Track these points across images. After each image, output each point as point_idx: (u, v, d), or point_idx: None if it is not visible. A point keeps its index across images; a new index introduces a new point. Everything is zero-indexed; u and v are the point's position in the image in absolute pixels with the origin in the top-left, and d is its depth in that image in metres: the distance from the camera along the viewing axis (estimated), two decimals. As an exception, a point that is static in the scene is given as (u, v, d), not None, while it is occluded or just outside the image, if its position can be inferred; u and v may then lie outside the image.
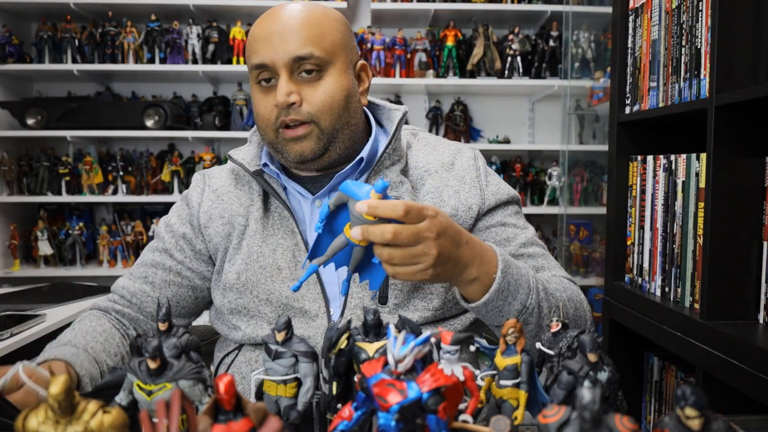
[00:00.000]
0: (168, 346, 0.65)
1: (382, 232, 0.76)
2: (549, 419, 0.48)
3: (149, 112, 2.99)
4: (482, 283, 0.88)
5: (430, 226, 0.79)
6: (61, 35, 3.00)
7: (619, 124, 1.64)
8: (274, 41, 0.97)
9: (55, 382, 0.47)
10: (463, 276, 0.86)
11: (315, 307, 1.00)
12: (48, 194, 3.06)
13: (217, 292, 1.08)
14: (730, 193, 1.23)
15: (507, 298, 0.90)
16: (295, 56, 0.96)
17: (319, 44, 0.98)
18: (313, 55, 0.97)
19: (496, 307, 0.89)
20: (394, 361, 0.51)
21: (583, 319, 1.07)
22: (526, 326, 0.93)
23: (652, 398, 1.60)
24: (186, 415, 0.48)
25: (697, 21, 1.32)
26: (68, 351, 0.90)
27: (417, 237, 0.78)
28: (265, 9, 1.04)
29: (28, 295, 1.90)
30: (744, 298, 1.24)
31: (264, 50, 0.98)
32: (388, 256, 0.78)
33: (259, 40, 0.99)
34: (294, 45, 0.97)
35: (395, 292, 1.00)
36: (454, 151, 1.11)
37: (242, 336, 1.04)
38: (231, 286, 1.04)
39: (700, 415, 0.45)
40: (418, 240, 0.78)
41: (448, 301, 1.02)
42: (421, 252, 0.79)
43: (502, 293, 0.89)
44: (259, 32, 1.00)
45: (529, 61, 3.09)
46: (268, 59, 0.97)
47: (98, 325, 1.01)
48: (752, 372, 1.08)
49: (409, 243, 0.77)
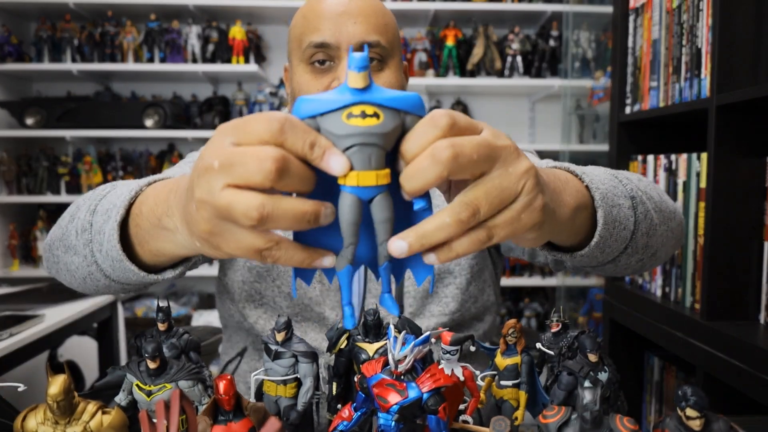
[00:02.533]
0: (167, 347, 0.65)
1: (435, 152, 0.44)
2: (549, 419, 0.48)
3: (149, 112, 2.99)
4: (585, 205, 0.64)
5: (498, 133, 0.50)
6: (60, 35, 3.00)
7: (619, 123, 1.64)
8: (343, 21, 0.92)
9: (54, 382, 0.47)
10: (563, 205, 0.58)
11: (333, 315, 0.98)
12: (47, 194, 3.06)
13: (234, 268, 1.01)
14: (730, 193, 1.23)
15: (613, 199, 0.68)
16: (363, 41, 0.92)
17: (384, 34, 0.94)
18: (380, 43, 0.93)
19: (612, 218, 0.66)
20: (394, 362, 0.51)
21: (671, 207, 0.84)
22: (645, 219, 0.72)
23: (652, 399, 1.60)
24: (185, 416, 0.48)
25: (698, 21, 1.32)
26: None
27: (492, 151, 0.47)
28: (264, 9, 1.03)
29: (27, 296, 1.90)
30: (745, 298, 1.24)
31: (328, 29, 0.92)
32: (473, 199, 0.46)
33: (322, 18, 0.93)
34: (363, 29, 0.92)
35: (409, 300, 0.97)
36: None
37: (248, 327, 1.00)
38: (252, 267, 0.98)
39: (701, 416, 0.45)
40: (495, 156, 0.47)
41: (465, 301, 0.99)
42: (515, 175, 0.48)
43: (606, 198, 0.66)
44: (323, 9, 0.94)
45: (530, 60, 3.09)
46: (332, 39, 0.92)
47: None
48: (753, 372, 1.08)
49: (485, 167, 0.47)
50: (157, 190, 0.63)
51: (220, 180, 0.44)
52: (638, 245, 0.73)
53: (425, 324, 0.97)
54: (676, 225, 0.84)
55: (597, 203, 0.64)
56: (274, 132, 0.44)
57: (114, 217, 0.65)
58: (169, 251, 0.62)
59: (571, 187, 0.61)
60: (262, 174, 0.43)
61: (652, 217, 0.75)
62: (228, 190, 0.44)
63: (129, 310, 3.08)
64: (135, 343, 0.66)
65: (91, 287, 0.78)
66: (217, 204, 0.44)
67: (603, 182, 0.68)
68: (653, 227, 0.75)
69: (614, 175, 0.74)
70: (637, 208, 0.71)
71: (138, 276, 0.67)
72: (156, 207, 0.60)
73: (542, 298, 3.28)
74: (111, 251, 0.66)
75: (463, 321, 1.02)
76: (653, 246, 0.77)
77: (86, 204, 0.75)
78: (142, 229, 0.63)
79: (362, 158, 0.44)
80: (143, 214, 0.63)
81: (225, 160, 0.44)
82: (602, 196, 0.65)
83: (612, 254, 0.70)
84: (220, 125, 0.48)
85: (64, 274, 0.80)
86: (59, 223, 0.80)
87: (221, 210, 0.44)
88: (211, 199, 0.45)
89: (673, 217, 0.83)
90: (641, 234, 0.72)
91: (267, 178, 0.43)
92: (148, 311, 3.07)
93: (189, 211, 0.48)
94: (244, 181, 0.43)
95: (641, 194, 0.74)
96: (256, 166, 0.43)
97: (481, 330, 1.03)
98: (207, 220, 0.46)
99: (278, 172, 0.43)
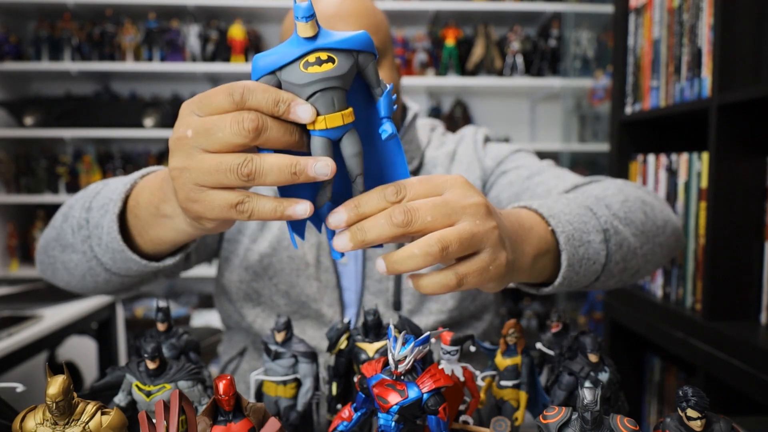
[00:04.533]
0: (167, 347, 0.65)
1: (426, 245, 0.49)
2: (549, 420, 0.47)
3: (148, 112, 2.98)
4: (547, 249, 0.65)
5: (459, 197, 0.53)
6: (59, 34, 3.00)
7: (620, 123, 1.64)
8: (334, 22, 0.93)
9: (54, 382, 0.46)
10: (523, 255, 0.60)
11: (331, 312, 0.98)
12: (46, 194, 3.05)
13: (230, 269, 1.01)
14: (731, 192, 1.23)
15: (581, 237, 0.69)
16: None
17: (375, 34, 0.96)
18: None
19: (579, 257, 0.68)
20: (394, 362, 0.51)
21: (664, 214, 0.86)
22: (618, 242, 0.72)
23: (653, 399, 1.59)
24: (185, 416, 0.47)
25: (699, 20, 1.32)
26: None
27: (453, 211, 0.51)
28: (264, 9, 1.03)
29: (26, 296, 1.90)
30: (746, 298, 1.24)
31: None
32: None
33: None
34: (354, 30, 0.93)
35: (407, 297, 0.98)
36: (458, 139, 1.10)
37: (247, 327, 1.01)
38: (249, 267, 0.99)
39: (701, 416, 0.45)
40: (458, 217, 0.51)
41: (464, 299, 1.00)
42: (484, 228, 0.52)
43: (573, 239, 0.67)
44: (316, 11, 0.95)
45: (530, 60, 3.09)
46: None
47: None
48: (754, 372, 1.07)
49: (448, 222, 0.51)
50: (151, 182, 0.65)
51: (196, 147, 0.47)
52: (612, 272, 0.75)
53: (424, 321, 0.98)
54: (667, 237, 0.84)
55: (561, 246, 0.66)
56: (237, 100, 0.47)
57: (112, 210, 0.67)
58: (170, 238, 0.64)
59: (534, 234, 0.63)
60: (241, 134, 0.46)
61: (629, 244, 0.75)
62: (208, 154, 0.47)
63: (129, 311, 3.08)
64: (134, 343, 0.66)
65: (90, 283, 0.78)
66: (201, 167, 0.47)
67: (572, 221, 0.69)
68: (631, 252, 0.76)
69: (590, 206, 0.74)
70: (610, 241, 0.72)
71: (139, 265, 0.68)
72: (153, 197, 0.63)
73: (542, 298, 3.28)
74: (111, 243, 0.68)
75: (462, 319, 1.02)
76: (632, 268, 0.78)
77: (79, 203, 0.76)
78: (140, 219, 0.65)
79: (326, 102, 0.47)
80: (141, 205, 0.65)
81: (199, 129, 0.47)
82: (567, 239, 0.67)
83: (583, 284, 0.72)
84: (184, 102, 0.51)
85: (62, 274, 0.80)
86: (51, 224, 0.81)
87: (203, 171, 0.47)
88: (191, 165, 0.48)
89: (663, 231, 0.83)
90: (614, 263, 0.73)
91: (246, 136, 0.46)
92: (148, 311, 3.06)
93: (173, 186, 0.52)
94: (222, 145, 0.47)
95: (617, 223, 0.75)
96: (233, 128, 0.46)
97: (480, 329, 1.04)
98: (183, 186, 0.50)
99: (256, 130, 0.46)
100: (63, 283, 0.83)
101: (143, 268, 0.69)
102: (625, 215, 0.77)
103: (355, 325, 0.93)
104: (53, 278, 0.84)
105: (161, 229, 0.63)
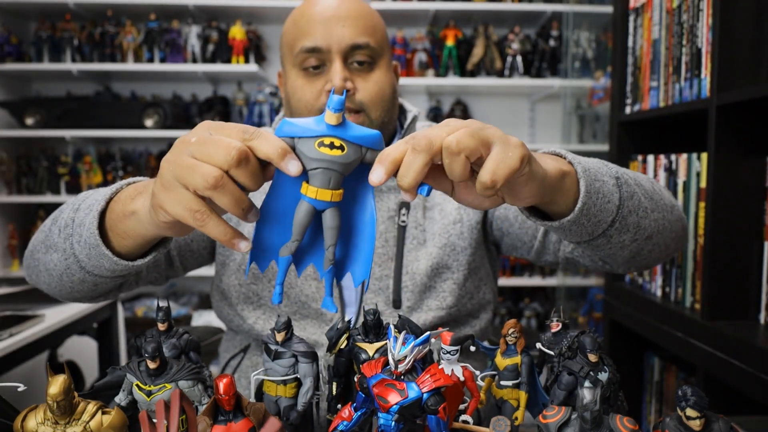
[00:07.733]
0: (167, 347, 0.65)
1: (429, 142, 0.53)
2: (549, 419, 0.48)
3: (149, 112, 2.99)
4: (569, 171, 0.68)
5: (471, 122, 0.56)
6: (60, 35, 3.00)
7: (619, 123, 1.64)
8: (332, 25, 0.95)
9: (54, 382, 0.46)
10: (549, 168, 0.63)
11: (331, 312, 0.98)
12: (47, 194, 3.05)
13: (228, 273, 1.02)
14: (731, 193, 1.23)
15: (596, 175, 0.71)
16: (353, 43, 0.95)
17: (372, 35, 0.97)
18: (369, 45, 0.97)
19: (595, 189, 0.69)
20: (394, 362, 0.51)
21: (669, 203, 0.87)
22: (632, 200, 0.74)
23: (652, 399, 1.60)
24: (185, 416, 0.48)
25: (698, 20, 1.32)
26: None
27: (467, 123, 0.56)
28: (265, 9, 1.04)
29: (27, 296, 1.90)
30: (745, 298, 1.24)
31: (318, 33, 0.95)
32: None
33: (312, 23, 0.96)
34: (352, 32, 0.95)
35: (407, 294, 0.99)
36: None
37: (248, 329, 1.01)
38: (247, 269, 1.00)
39: (701, 416, 0.45)
40: (468, 124, 0.55)
41: (462, 297, 1.01)
42: (489, 127, 0.56)
43: (589, 173, 0.69)
44: (312, 14, 0.96)
45: (530, 61, 3.09)
46: (323, 43, 0.95)
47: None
48: (753, 372, 1.08)
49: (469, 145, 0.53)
50: (137, 184, 0.70)
51: (189, 150, 0.54)
52: (628, 223, 0.75)
53: (423, 318, 0.98)
54: (674, 219, 0.85)
55: (579, 174, 0.68)
56: (247, 136, 0.54)
57: (96, 208, 0.71)
58: (133, 230, 0.68)
59: (551, 159, 0.67)
60: (226, 158, 0.52)
61: (640, 199, 0.77)
62: (194, 159, 0.53)
63: (129, 310, 3.08)
64: (135, 343, 0.67)
65: (67, 284, 0.80)
66: (183, 163, 0.53)
67: (586, 161, 0.72)
68: (643, 208, 0.77)
69: (603, 162, 0.77)
70: (622, 187, 0.74)
71: (111, 262, 0.71)
72: (128, 195, 0.69)
73: (542, 298, 3.27)
74: (89, 239, 0.71)
75: (460, 317, 1.03)
76: (646, 228, 0.78)
77: (70, 206, 0.79)
78: (114, 213, 0.70)
79: (323, 179, 0.55)
80: (118, 201, 0.70)
81: (201, 140, 0.54)
82: (584, 170, 0.69)
83: (600, 226, 0.72)
84: (204, 122, 0.57)
85: (44, 276, 0.82)
86: (41, 228, 0.84)
87: (184, 168, 0.53)
88: (178, 160, 0.54)
89: (671, 210, 0.85)
90: (628, 211, 0.74)
91: (227, 162, 0.52)
92: (148, 311, 3.07)
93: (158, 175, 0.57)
94: (208, 158, 0.53)
95: (628, 178, 0.77)
96: (222, 150, 0.52)
97: (478, 327, 1.04)
98: (164, 174, 0.55)
99: (237, 160, 0.52)
100: (45, 286, 0.85)
101: (114, 265, 0.71)
102: (635, 179, 0.79)
103: (356, 324, 0.94)
104: (37, 281, 0.86)
105: (128, 222, 0.67)
